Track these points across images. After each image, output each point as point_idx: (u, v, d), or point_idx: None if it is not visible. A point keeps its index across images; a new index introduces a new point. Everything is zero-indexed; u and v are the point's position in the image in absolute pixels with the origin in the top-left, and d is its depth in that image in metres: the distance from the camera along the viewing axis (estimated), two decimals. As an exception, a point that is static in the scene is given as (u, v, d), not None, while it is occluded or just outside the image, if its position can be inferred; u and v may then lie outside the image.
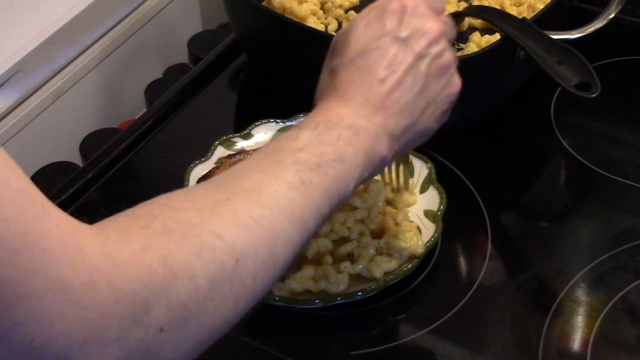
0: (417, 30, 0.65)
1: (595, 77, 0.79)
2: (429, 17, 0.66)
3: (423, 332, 0.76)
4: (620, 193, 0.89)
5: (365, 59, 0.64)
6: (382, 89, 0.63)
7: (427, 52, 0.65)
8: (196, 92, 1.00)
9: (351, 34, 0.66)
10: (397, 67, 0.64)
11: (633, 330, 0.76)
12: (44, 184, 0.98)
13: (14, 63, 0.93)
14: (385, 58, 0.64)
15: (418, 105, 0.65)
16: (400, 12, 0.65)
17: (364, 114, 0.62)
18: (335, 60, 0.66)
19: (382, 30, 0.65)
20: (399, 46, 0.64)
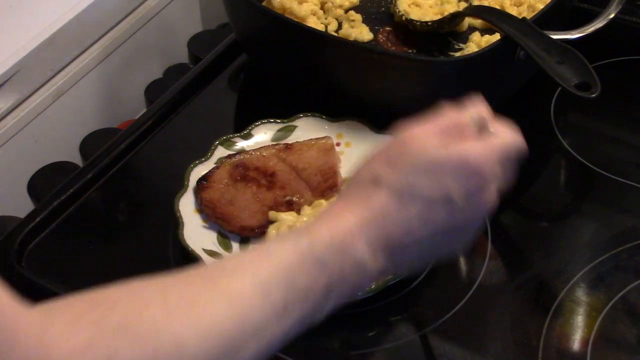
0: (473, 204, 0.60)
1: (595, 77, 0.79)
2: (493, 193, 0.62)
3: (423, 332, 0.76)
4: (620, 193, 0.89)
5: (412, 202, 0.58)
6: (403, 240, 0.59)
7: (462, 226, 0.61)
8: (196, 92, 1.00)
9: (421, 158, 0.59)
10: (428, 227, 0.59)
11: (633, 330, 0.76)
12: (44, 184, 0.98)
13: (14, 63, 0.93)
14: (427, 214, 0.59)
15: (418, 258, 0.62)
16: (473, 175, 0.60)
17: (375, 251, 0.58)
18: (388, 172, 0.60)
19: (447, 180, 0.59)
20: (445, 209, 0.59)
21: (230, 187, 0.82)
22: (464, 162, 0.59)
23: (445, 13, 0.97)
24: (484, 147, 0.62)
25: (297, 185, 0.83)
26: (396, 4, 0.98)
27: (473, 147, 0.61)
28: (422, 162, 0.59)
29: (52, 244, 0.84)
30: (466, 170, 0.59)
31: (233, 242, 0.81)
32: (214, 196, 0.82)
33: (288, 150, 0.84)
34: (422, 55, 0.95)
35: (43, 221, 0.85)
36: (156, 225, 0.85)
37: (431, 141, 0.60)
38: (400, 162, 0.60)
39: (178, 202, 0.81)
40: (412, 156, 0.59)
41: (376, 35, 0.97)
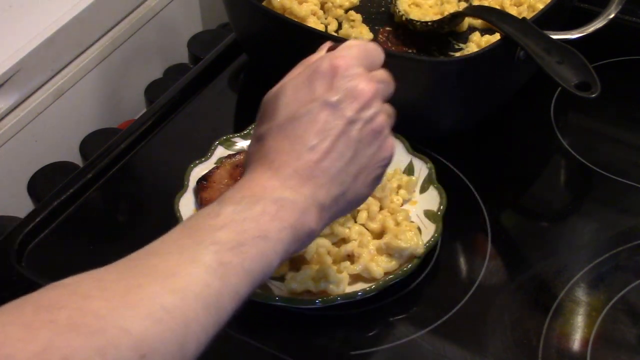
0: (348, 93, 0.62)
1: (595, 77, 0.79)
2: (362, 79, 0.62)
3: (423, 332, 0.76)
4: (620, 193, 0.89)
5: (294, 126, 0.61)
6: (312, 158, 0.60)
7: (359, 117, 0.62)
8: (196, 92, 1.00)
9: (280, 98, 0.63)
10: (327, 134, 0.61)
11: (633, 330, 0.76)
12: (44, 184, 0.98)
13: (14, 63, 0.93)
14: (314, 125, 0.61)
15: (349, 172, 0.62)
16: (331, 74, 0.62)
17: (292, 185, 0.59)
18: (263, 127, 0.63)
19: (311, 94, 0.62)
20: (329, 111, 0.61)
21: (230, 187, 0.82)
22: (315, 68, 0.63)
23: (445, 13, 0.97)
24: (324, 52, 0.66)
25: (297, 185, 0.83)
26: (396, 4, 0.98)
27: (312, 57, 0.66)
28: (283, 96, 0.63)
29: (52, 244, 0.84)
30: (320, 73, 0.62)
31: (233, 242, 0.81)
32: (214, 196, 0.81)
33: (288, 150, 0.84)
34: (422, 55, 0.95)
35: (43, 221, 0.85)
36: (156, 225, 0.85)
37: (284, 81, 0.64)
38: (268, 110, 0.64)
39: (178, 202, 0.81)
40: (274, 98, 0.63)
41: (376, 35, 0.98)
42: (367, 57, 0.65)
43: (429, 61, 0.91)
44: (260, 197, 0.58)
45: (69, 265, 0.82)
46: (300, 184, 0.60)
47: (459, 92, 0.88)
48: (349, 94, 0.62)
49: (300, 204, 0.59)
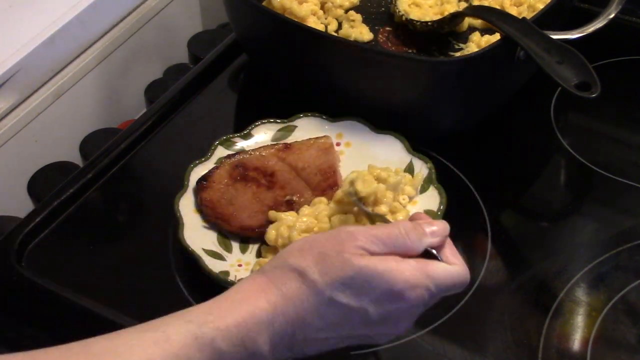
0: (388, 323, 0.60)
1: (595, 77, 0.79)
2: (406, 322, 0.61)
3: (423, 332, 0.76)
4: (620, 193, 0.89)
5: (328, 307, 0.59)
6: (310, 338, 0.60)
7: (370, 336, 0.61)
8: (196, 92, 1.00)
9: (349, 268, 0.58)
10: (338, 331, 0.60)
11: (633, 330, 0.76)
12: (44, 184, 0.98)
13: (14, 63, 0.93)
14: (340, 321, 0.59)
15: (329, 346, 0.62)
16: (395, 299, 0.59)
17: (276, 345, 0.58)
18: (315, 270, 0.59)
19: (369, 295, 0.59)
20: (360, 322, 0.60)
21: (230, 187, 0.82)
22: (390, 282, 0.58)
23: (445, 13, 0.97)
24: (416, 271, 0.60)
25: (296, 184, 0.83)
26: (396, 4, 0.98)
27: (406, 268, 0.59)
28: (350, 270, 0.58)
29: (52, 244, 0.84)
30: (388, 292, 0.59)
31: (233, 242, 0.81)
32: (213, 196, 0.81)
33: (287, 149, 0.84)
34: (422, 55, 0.95)
35: (43, 221, 0.85)
36: (156, 225, 0.85)
37: (367, 247, 0.59)
38: (330, 263, 0.59)
39: (178, 202, 0.81)
40: (343, 260, 0.59)
41: (376, 35, 0.97)
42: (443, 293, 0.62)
43: (429, 61, 0.91)
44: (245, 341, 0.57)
45: (69, 265, 0.83)
46: (282, 348, 0.59)
47: (459, 92, 0.88)
48: (388, 322, 0.60)
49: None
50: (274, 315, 0.58)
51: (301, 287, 0.58)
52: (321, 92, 0.92)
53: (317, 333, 0.59)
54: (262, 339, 0.57)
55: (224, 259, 0.79)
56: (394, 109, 0.89)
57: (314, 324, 0.59)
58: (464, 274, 0.63)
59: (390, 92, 0.87)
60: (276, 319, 0.58)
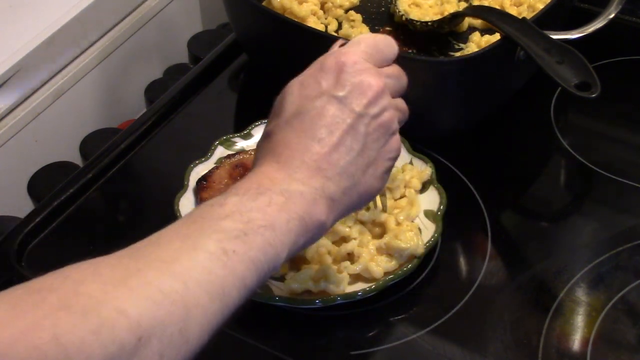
0: (355, 88, 0.62)
1: (595, 77, 0.79)
2: (369, 73, 0.63)
3: (423, 332, 0.76)
4: (620, 193, 0.89)
5: (301, 120, 0.61)
6: (320, 150, 0.60)
7: (366, 112, 0.62)
8: (196, 92, 1.00)
9: (287, 95, 0.63)
10: (334, 128, 0.61)
11: (633, 330, 0.76)
12: (44, 184, 0.98)
13: (14, 63, 0.93)
14: (322, 119, 0.61)
15: (358, 166, 0.62)
16: (338, 70, 0.62)
17: (300, 178, 0.59)
18: (272, 123, 0.63)
19: (318, 89, 0.62)
20: (336, 106, 0.61)
21: (230, 187, 0.82)
22: (320, 63, 0.63)
23: (445, 13, 0.97)
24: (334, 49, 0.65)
25: (297, 185, 0.83)
26: (396, 4, 0.98)
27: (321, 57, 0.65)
28: (290, 91, 0.63)
29: (52, 244, 0.84)
30: (327, 69, 0.62)
31: (233, 242, 0.81)
32: (213, 196, 0.81)
33: (288, 150, 0.84)
34: (422, 55, 0.95)
35: (43, 221, 0.85)
36: (156, 225, 0.85)
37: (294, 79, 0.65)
38: (277, 106, 0.64)
39: (178, 202, 0.81)
40: (282, 95, 0.64)
41: (376, 35, 0.97)
42: (377, 52, 0.64)
43: (429, 61, 0.91)
44: (266, 189, 0.58)
45: (69, 265, 0.83)
46: (309, 176, 0.60)
47: (459, 92, 0.88)
48: (355, 88, 0.62)
49: (308, 196, 0.59)
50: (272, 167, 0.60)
51: (271, 137, 0.62)
52: (321, 92, 0.92)
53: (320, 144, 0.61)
54: (280, 180, 0.59)
55: (224, 259, 0.79)
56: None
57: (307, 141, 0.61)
58: (384, 36, 0.67)
59: (390, 92, 0.87)
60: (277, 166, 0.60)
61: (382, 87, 0.63)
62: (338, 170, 0.61)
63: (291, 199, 0.58)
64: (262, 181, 0.59)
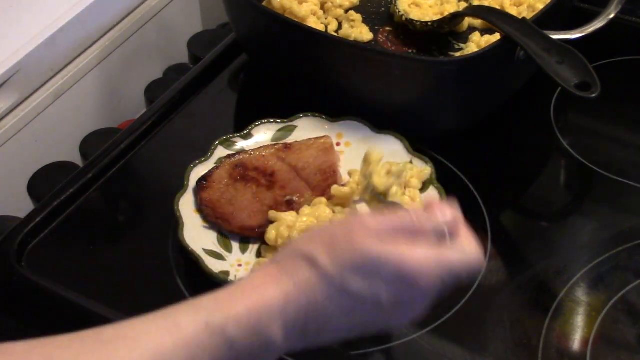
0: (400, 309, 0.59)
1: (595, 77, 0.79)
2: (423, 306, 0.60)
3: (423, 332, 0.76)
4: (620, 193, 0.89)
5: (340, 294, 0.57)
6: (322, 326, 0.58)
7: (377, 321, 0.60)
8: (196, 92, 1.00)
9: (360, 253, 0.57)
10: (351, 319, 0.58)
11: (633, 330, 0.76)
12: (44, 184, 0.98)
13: (14, 63, 0.93)
14: (353, 307, 0.58)
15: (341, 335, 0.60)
16: (407, 284, 0.58)
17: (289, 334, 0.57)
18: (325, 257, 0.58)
19: (381, 280, 0.57)
20: (373, 308, 0.58)
21: (230, 187, 0.82)
22: (401, 269, 0.57)
23: (445, 13, 0.97)
24: (429, 257, 0.59)
25: (296, 184, 0.83)
26: (396, 4, 0.98)
27: (417, 254, 0.58)
28: (361, 256, 0.57)
29: (52, 244, 0.84)
30: (401, 278, 0.57)
31: (233, 242, 0.81)
32: (213, 196, 0.82)
33: (287, 149, 0.84)
34: (422, 55, 0.95)
35: (43, 221, 0.85)
36: (156, 225, 0.85)
37: (378, 236, 0.58)
38: (340, 250, 0.58)
39: (178, 202, 0.81)
40: (353, 247, 0.58)
41: (376, 35, 0.98)
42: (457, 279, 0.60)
43: (429, 61, 0.91)
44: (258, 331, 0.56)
45: (69, 265, 0.83)
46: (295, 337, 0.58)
47: (459, 92, 0.88)
48: (400, 308, 0.59)
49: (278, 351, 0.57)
50: (285, 302, 0.57)
51: (312, 274, 0.58)
52: (321, 92, 0.92)
53: (330, 321, 0.58)
54: (275, 327, 0.56)
55: (224, 259, 0.79)
56: (394, 109, 0.89)
57: (327, 311, 0.58)
58: (477, 260, 0.62)
59: (390, 92, 0.88)
60: (288, 307, 0.57)
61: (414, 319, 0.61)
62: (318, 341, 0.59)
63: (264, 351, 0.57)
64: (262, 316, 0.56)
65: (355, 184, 0.83)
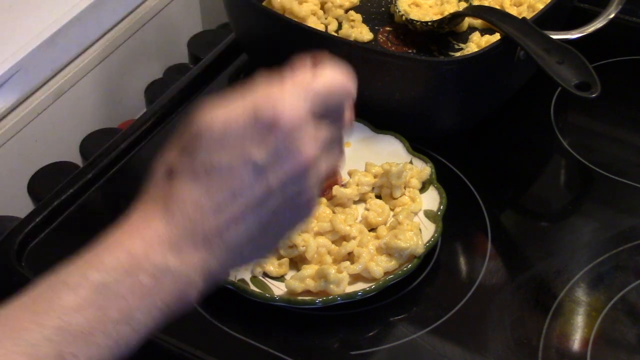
0: (279, 157, 0.51)
1: (595, 77, 0.79)
2: (303, 141, 0.51)
3: (423, 332, 0.76)
4: (620, 193, 0.89)
5: (210, 177, 0.51)
6: (215, 222, 0.51)
7: (283, 189, 0.52)
8: (196, 92, 1.00)
9: (209, 134, 0.51)
10: (239, 197, 0.51)
11: (633, 330, 0.76)
12: (44, 184, 0.98)
13: (14, 63, 0.93)
14: (230, 182, 0.51)
15: (252, 245, 0.53)
16: (270, 124, 0.50)
17: (182, 248, 0.50)
18: (181, 158, 0.52)
19: (241, 142, 0.50)
20: (250, 172, 0.51)
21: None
22: (251, 110, 0.51)
23: (445, 13, 0.97)
24: (278, 89, 0.52)
25: (297, 185, 0.83)
26: (396, 4, 0.98)
27: (264, 92, 0.52)
28: (209, 131, 0.51)
29: (52, 244, 0.84)
30: (257, 120, 0.50)
31: (233, 242, 0.81)
32: (214, 196, 0.81)
33: (288, 150, 0.84)
34: (422, 55, 0.95)
35: (43, 221, 0.85)
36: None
37: (222, 104, 0.53)
38: (191, 143, 0.52)
39: (178, 202, 0.81)
40: (201, 129, 0.52)
41: (376, 35, 0.98)
42: (326, 102, 0.53)
43: (429, 61, 0.91)
44: (137, 265, 0.49)
45: (69, 265, 0.83)
46: (193, 250, 0.51)
47: (459, 92, 0.88)
48: (280, 158, 0.51)
49: (184, 278, 0.50)
50: (157, 225, 0.51)
51: (172, 183, 0.52)
52: (321, 92, 0.92)
53: (217, 214, 0.51)
54: (156, 252, 0.50)
55: (224, 259, 0.79)
56: (393, 109, 0.89)
57: (206, 206, 0.51)
58: (339, 75, 0.53)
59: (390, 92, 0.88)
60: (163, 227, 0.51)
61: (311, 161, 0.52)
62: (227, 247, 0.52)
63: (162, 282, 0.50)
64: (136, 251, 0.50)
65: (355, 184, 0.83)
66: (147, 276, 0.49)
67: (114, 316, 0.48)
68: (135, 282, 0.49)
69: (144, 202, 0.54)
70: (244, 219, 0.52)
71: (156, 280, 0.50)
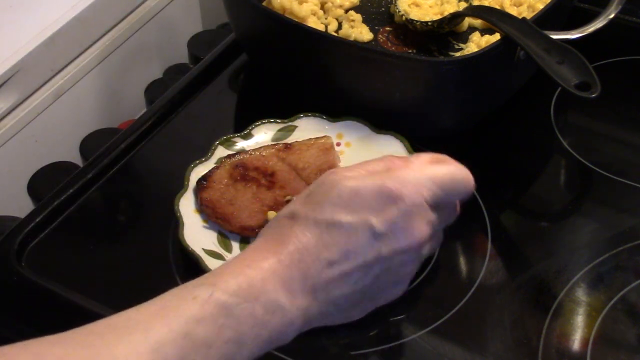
0: (396, 232, 0.57)
1: (595, 77, 0.79)
2: (420, 223, 0.58)
3: (423, 332, 0.76)
4: (620, 193, 0.89)
5: (331, 231, 0.56)
6: (325, 275, 0.56)
7: (391, 258, 0.58)
8: (196, 92, 1.00)
9: (339, 189, 0.57)
10: (352, 257, 0.57)
11: (633, 330, 0.76)
12: (44, 184, 0.98)
13: (14, 63, 0.93)
14: (348, 241, 0.56)
15: (351, 300, 0.59)
16: (392, 200, 0.57)
17: (293, 290, 0.55)
18: (307, 206, 0.58)
19: (366, 208, 0.57)
20: (367, 237, 0.57)
21: (230, 187, 0.82)
22: (380, 186, 0.57)
23: (445, 13, 0.97)
24: (406, 172, 0.59)
25: (297, 184, 0.83)
26: (396, 4, 0.98)
27: (393, 172, 0.58)
28: (338, 191, 0.57)
29: (52, 244, 0.84)
30: (383, 194, 0.57)
31: (233, 242, 0.81)
32: (213, 196, 0.82)
33: (287, 149, 0.84)
34: (422, 55, 0.95)
35: (43, 221, 0.85)
36: (156, 225, 0.85)
37: (352, 172, 0.58)
38: (318, 195, 0.57)
39: (178, 202, 0.81)
40: (329, 187, 0.57)
41: (376, 35, 0.97)
42: (446, 194, 0.61)
43: (429, 61, 0.91)
44: (255, 295, 0.54)
45: (69, 265, 0.83)
46: (300, 294, 0.56)
47: (458, 92, 0.88)
48: (397, 232, 0.58)
49: (288, 315, 0.55)
50: (274, 261, 0.55)
51: (294, 226, 0.56)
52: (321, 92, 0.92)
53: (330, 267, 0.56)
54: (272, 285, 0.54)
55: (224, 259, 0.79)
56: (394, 109, 0.89)
57: (322, 256, 0.56)
58: (464, 171, 0.62)
59: (390, 92, 0.88)
60: (281, 265, 0.55)
61: (422, 242, 0.59)
62: (329, 300, 0.57)
63: (271, 315, 0.55)
64: (254, 281, 0.55)
65: None
66: (260, 307, 0.54)
67: (228, 335, 0.52)
68: (251, 310, 0.53)
69: (264, 236, 0.58)
70: (350, 276, 0.57)
71: (267, 313, 0.54)
